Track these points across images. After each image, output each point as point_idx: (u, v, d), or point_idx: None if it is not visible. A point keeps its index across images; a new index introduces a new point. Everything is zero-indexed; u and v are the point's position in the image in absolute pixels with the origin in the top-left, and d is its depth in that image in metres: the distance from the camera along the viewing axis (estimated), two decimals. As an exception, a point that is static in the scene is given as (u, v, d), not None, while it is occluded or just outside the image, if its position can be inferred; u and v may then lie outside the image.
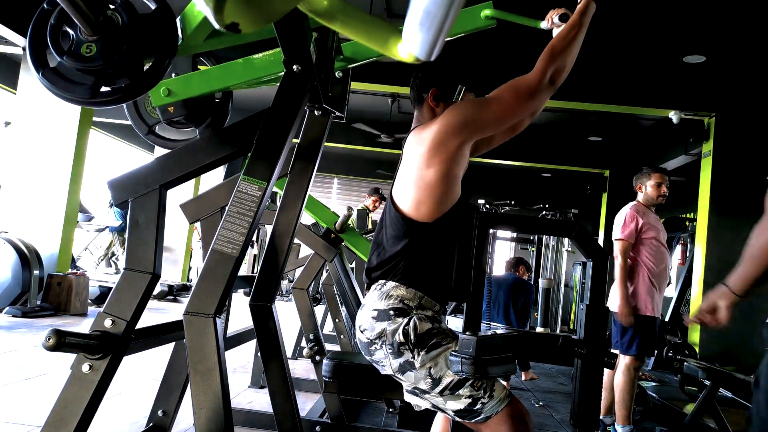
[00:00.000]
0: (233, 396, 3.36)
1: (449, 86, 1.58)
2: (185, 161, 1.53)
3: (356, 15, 1.02)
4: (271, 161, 1.42)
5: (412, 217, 1.49)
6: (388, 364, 1.44)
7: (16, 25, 5.85)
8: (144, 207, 1.46)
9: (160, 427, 1.88)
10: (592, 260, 1.66)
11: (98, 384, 1.33)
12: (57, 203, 6.32)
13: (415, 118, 1.64)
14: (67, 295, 5.89)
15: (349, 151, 9.93)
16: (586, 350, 1.58)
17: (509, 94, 1.45)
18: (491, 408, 1.36)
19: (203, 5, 0.56)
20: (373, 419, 3.26)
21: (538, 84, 1.43)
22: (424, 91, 1.59)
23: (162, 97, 1.79)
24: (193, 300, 1.33)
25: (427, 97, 1.58)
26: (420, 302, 1.47)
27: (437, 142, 1.44)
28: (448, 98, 1.58)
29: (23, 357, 3.79)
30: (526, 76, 1.45)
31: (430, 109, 1.59)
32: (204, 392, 1.29)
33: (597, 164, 9.07)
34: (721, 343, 3.26)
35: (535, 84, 1.43)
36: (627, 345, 3.15)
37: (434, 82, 1.58)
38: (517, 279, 4.73)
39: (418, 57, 0.83)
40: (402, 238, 1.49)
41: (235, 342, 2.45)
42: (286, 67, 1.48)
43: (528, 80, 1.44)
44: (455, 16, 0.68)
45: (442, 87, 1.58)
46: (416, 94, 1.62)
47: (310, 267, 2.87)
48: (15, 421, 2.54)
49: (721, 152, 6.07)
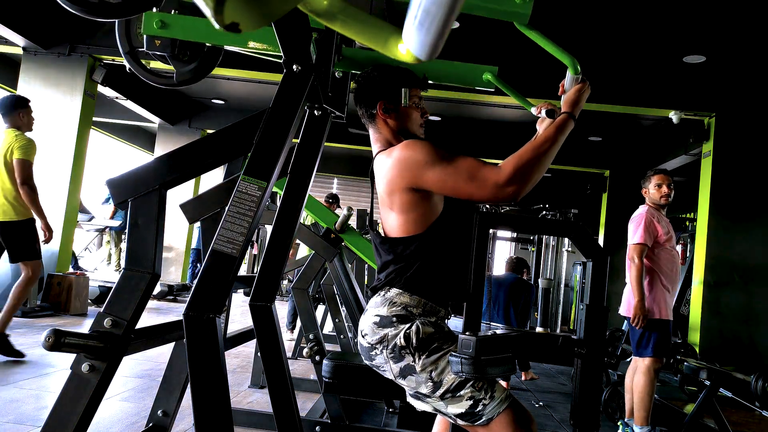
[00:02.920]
0: (233, 396, 3.36)
1: (394, 93, 1.57)
2: (185, 161, 1.53)
3: (356, 15, 1.02)
4: (271, 161, 1.42)
5: (399, 236, 1.49)
6: (389, 369, 1.44)
7: (16, 25, 5.85)
8: (144, 207, 1.46)
9: (160, 427, 1.87)
10: (592, 260, 1.66)
11: (98, 384, 1.33)
12: (57, 203, 6.32)
13: (372, 136, 1.62)
14: (67, 295, 5.90)
15: (349, 151, 9.94)
16: (586, 350, 1.58)
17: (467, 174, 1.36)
18: (492, 410, 1.36)
19: (202, 4, 0.56)
20: (373, 419, 3.26)
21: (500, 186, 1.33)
22: (372, 108, 1.58)
23: (154, 27, 1.77)
24: (193, 300, 1.33)
25: (378, 112, 1.57)
26: (424, 309, 1.47)
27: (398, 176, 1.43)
28: (397, 104, 1.57)
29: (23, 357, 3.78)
30: (491, 170, 1.34)
31: (383, 122, 1.58)
32: (204, 392, 1.29)
33: (597, 164, 9.07)
34: (721, 343, 3.26)
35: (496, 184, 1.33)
36: (643, 347, 3.19)
37: (379, 95, 1.57)
38: (518, 279, 4.73)
39: (418, 57, 0.83)
40: (397, 251, 1.50)
41: (235, 342, 2.44)
42: (286, 67, 1.48)
43: (491, 176, 1.34)
44: (456, 15, 0.68)
45: (387, 97, 1.57)
46: (367, 112, 1.60)
47: (310, 267, 2.87)
48: (15, 421, 2.54)
49: (721, 152, 6.07)
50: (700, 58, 5.57)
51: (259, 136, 1.44)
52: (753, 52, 5.35)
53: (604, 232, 9.01)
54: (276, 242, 1.50)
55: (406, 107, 1.58)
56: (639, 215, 3.28)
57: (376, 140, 1.60)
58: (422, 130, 1.63)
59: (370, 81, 1.59)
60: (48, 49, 6.40)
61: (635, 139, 8.36)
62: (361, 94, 1.60)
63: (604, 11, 4.97)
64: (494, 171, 1.34)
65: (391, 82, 1.57)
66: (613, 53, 5.76)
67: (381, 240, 1.55)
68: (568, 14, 5.09)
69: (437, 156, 1.40)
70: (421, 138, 1.59)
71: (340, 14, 1.03)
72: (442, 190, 1.42)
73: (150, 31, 1.78)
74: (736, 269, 5.84)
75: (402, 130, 1.58)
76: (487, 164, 1.36)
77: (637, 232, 3.22)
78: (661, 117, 6.65)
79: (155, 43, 1.82)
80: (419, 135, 1.61)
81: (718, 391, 3.30)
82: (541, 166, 1.36)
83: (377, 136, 1.60)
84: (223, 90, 8.33)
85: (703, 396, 3.26)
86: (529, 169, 1.34)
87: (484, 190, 1.34)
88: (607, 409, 3.79)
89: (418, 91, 1.61)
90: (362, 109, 1.61)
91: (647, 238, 3.19)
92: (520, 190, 1.33)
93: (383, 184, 1.49)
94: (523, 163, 1.34)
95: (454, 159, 1.39)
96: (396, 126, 1.58)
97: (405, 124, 1.58)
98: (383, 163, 1.50)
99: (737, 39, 5.14)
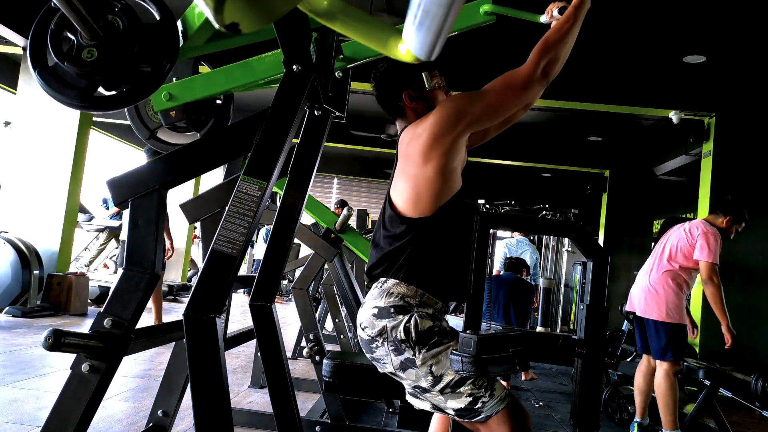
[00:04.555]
0: (233, 396, 3.36)
1: (415, 81, 1.57)
2: (185, 161, 1.53)
3: (356, 15, 1.02)
4: (271, 161, 1.42)
5: (409, 214, 1.49)
6: (389, 362, 1.44)
7: (16, 25, 5.85)
8: (144, 207, 1.46)
9: (160, 427, 1.87)
10: (592, 260, 1.66)
11: (98, 384, 1.32)
12: (57, 203, 6.32)
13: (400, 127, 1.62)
14: (67, 295, 5.90)
15: (349, 151, 9.93)
16: (586, 350, 1.58)
17: (502, 86, 1.46)
18: (491, 407, 1.36)
19: (203, 5, 0.56)
20: (373, 419, 3.26)
21: (531, 76, 1.44)
22: (398, 100, 1.58)
23: (163, 101, 1.78)
24: (193, 300, 1.32)
25: (405, 103, 1.58)
26: (421, 299, 1.47)
27: (433, 136, 1.44)
28: (421, 90, 1.57)
29: (23, 357, 3.79)
30: (519, 69, 1.46)
31: (412, 111, 1.58)
32: (204, 392, 1.29)
33: (597, 164, 9.07)
34: (721, 343, 3.27)
35: (527, 76, 1.44)
36: (662, 351, 3.21)
37: (401, 86, 1.58)
38: (518, 279, 4.74)
39: (418, 57, 0.83)
40: (401, 236, 1.49)
41: (235, 342, 2.44)
42: (286, 67, 1.48)
43: (521, 72, 1.45)
44: (455, 15, 0.68)
45: (410, 85, 1.57)
46: (393, 108, 1.61)
47: (310, 267, 2.87)
48: (15, 421, 2.54)
49: (721, 152, 6.07)
50: (700, 58, 5.57)
51: (259, 136, 1.44)
52: (753, 52, 5.35)
53: (604, 232, 9.01)
54: (276, 242, 1.50)
55: (431, 90, 1.58)
56: (712, 233, 3.23)
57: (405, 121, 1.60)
58: None
59: (388, 76, 1.59)
60: (48, 49, 6.40)
61: (635, 139, 8.36)
62: (383, 92, 1.61)
63: (605, 11, 4.97)
64: (524, 67, 1.45)
65: (409, 70, 1.58)
66: (613, 53, 5.75)
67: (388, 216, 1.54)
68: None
69: (473, 93, 1.48)
70: None
71: (340, 14, 1.02)
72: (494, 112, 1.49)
73: (162, 106, 1.79)
74: (736, 269, 5.84)
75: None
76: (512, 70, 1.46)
77: (708, 250, 3.18)
78: (661, 117, 6.65)
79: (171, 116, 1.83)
80: None
81: (718, 391, 3.30)
82: (565, 45, 1.48)
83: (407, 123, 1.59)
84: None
85: (703, 396, 3.26)
86: (554, 48, 1.46)
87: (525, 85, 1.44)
88: (607, 409, 3.79)
89: (436, 72, 1.61)
90: (388, 106, 1.61)
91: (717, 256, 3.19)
92: (551, 69, 1.46)
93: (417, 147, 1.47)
94: (549, 45, 1.46)
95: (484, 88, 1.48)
96: (424, 111, 1.57)
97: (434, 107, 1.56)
98: (416, 130, 1.50)
99: (737, 39, 5.14)
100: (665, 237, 3.45)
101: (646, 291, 3.34)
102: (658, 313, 3.24)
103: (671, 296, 3.23)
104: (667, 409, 3.17)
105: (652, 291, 3.30)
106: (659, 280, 3.27)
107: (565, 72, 1.56)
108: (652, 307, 3.27)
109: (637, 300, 3.42)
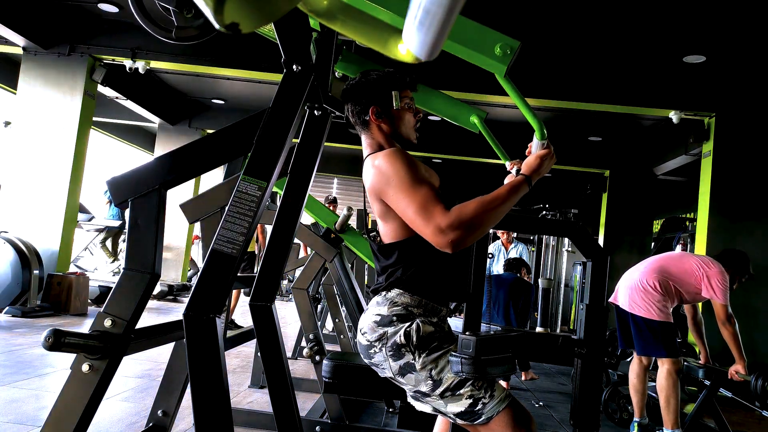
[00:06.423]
0: (233, 396, 3.36)
1: (385, 97, 1.56)
2: (185, 161, 1.53)
3: (356, 15, 1.02)
4: (271, 161, 1.42)
5: (396, 239, 1.49)
6: (388, 367, 1.44)
7: (16, 25, 5.85)
8: (144, 207, 1.46)
9: (160, 427, 1.87)
10: (592, 260, 1.66)
11: (98, 384, 1.33)
12: (57, 203, 6.32)
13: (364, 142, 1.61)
14: (67, 295, 5.90)
15: (349, 151, 9.94)
16: (586, 350, 1.58)
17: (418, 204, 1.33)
18: (492, 409, 1.36)
19: (203, 4, 0.56)
20: (373, 419, 3.26)
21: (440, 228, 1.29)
22: (365, 114, 1.57)
23: None
24: (193, 300, 1.33)
25: (371, 118, 1.56)
26: (425, 309, 1.47)
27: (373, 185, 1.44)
28: (389, 107, 1.56)
29: (23, 357, 3.79)
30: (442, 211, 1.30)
31: (377, 128, 1.57)
32: (204, 392, 1.29)
33: (597, 164, 9.07)
34: (721, 343, 3.27)
35: (438, 224, 1.29)
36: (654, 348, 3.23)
37: (370, 100, 1.56)
38: (518, 279, 4.73)
39: (418, 57, 0.83)
40: (397, 261, 1.50)
41: (235, 342, 2.44)
42: (286, 67, 1.48)
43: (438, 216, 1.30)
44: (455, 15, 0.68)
45: (378, 101, 1.56)
46: (360, 120, 1.59)
47: (310, 267, 2.87)
48: (15, 421, 2.54)
49: (721, 152, 6.07)
50: (700, 58, 5.57)
51: (259, 136, 1.44)
52: (753, 52, 5.35)
53: (604, 232, 9.01)
54: (276, 242, 1.50)
55: (398, 110, 1.56)
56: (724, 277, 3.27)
57: (368, 145, 1.58)
58: (415, 133, 1.62)
59: (358, 88, 1.57)
60: (48, 49, 6.40)
61: (635, 139, 8.36)
62: (352, 102, 1.59)
63: (605, 11, 4.97)
64: (442, 214, 1.30)
65: (379, 86, 1.56)
66: (613, 53, 5.75)
67: (378, 246, 1.55)
68: (568, 14, 5.09)
69: (404, 175, 1.38)
70: (413, 142, 1.59)
71: (340, 14, 1.03)
72: (395, 210, 1.40)
73: None
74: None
75: (395, 134, 1.56)
76: (440, 205, 1.32)
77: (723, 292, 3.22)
78: (661, 117, 6.65)
79: None
80: (412, 137, 1.60)
81: (718, 391, 3.30)
82: (485, 223, 1.33)
83: (369, 141, 1.58)
84: (223, 90, 8.33)
85: (703, 396, 3.26)
86: (472, 222, 1.30)
87: (427, 228, 1.31)
88: (607, 409, 3.79)
89: (408, 92, 1.60)
90: (354, 117, 1.59)
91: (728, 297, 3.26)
92: (459, 241, 1.29)
93: (366, 189, 1.50)
94: (468, 216, 1.30)
95: (417, 185, 1.36)
96: (389, 130, 1.56)
97: (398, 127, 1.56)
98: (368, 169, 1.50)
99: (737, 39, 5.14)
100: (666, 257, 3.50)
101: (634, 287, 3.34)
102: (646, 311, 3.24)
103: (658, 297, 3.24)
104: (668, 407, 3.17)
105: (640, 288, 3.30)
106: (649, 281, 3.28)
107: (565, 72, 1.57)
108: (639, 304, 3.28)
109: (622, 295, 3.41)
